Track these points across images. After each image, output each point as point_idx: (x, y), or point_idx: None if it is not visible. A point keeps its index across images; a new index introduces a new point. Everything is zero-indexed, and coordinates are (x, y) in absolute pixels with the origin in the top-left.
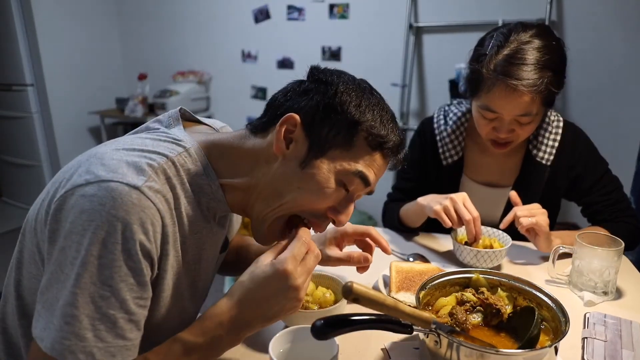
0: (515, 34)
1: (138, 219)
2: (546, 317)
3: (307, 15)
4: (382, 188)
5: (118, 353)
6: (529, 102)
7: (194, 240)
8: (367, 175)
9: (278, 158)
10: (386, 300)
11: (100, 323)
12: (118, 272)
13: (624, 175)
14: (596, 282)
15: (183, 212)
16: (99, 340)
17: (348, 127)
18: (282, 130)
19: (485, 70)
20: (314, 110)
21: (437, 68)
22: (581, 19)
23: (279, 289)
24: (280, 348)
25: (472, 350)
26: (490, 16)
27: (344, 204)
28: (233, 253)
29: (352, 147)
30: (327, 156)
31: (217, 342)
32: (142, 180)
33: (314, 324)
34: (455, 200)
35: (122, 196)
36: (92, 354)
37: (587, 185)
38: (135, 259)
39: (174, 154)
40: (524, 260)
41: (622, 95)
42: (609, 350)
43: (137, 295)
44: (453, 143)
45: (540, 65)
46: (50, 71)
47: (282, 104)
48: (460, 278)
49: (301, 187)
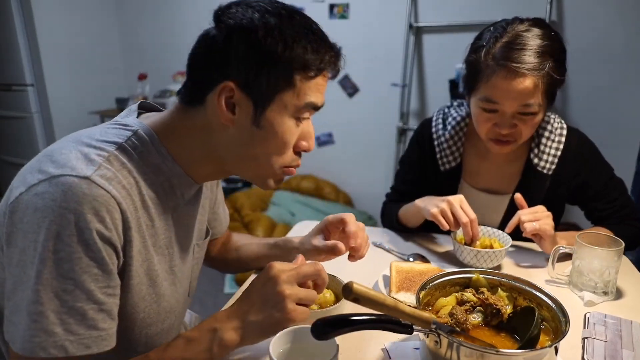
0: (512, 25)
1: (91, 209)
2: (546, 317)
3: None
4: (382, 187)
5: (93, 344)
6: (531, 88)
7: (163, 222)
8: (316, 101)
9: (229, 127)
10: (386, 300)
11: (69, 317)
12: (78, 264)
13: (624, 176)
14: (596, 282)
15: (145, 195)
16: (70, 334)
17: (283, 71)
18: (222, 101)
19: (484, 59)
20: (245, 69)
21: (437, 68)
22: (581, 18)
23: (266, 293)
24: (280, 348)
25: (472, 350)
26: (491, 16)
27: (306, 132)
28: (234, 250)
29: (294, 85)
30: (275, 104)
31: (212, 336)
32: (91, 170)
33: (314, 324)
34: (452, 203)
35: (72, 188)
36: (64, 347)
37: (591, 193)
38: (95, 248)
39: (122, 139)
40: (524, 260)
41: (622, 95)
42: (609, 350)
43: (104, 285)
44: (451, 149)
45: (542, 50)
46: (50, 71)
47: (208, 69)
48: (460, 278)
49: (265, 143)
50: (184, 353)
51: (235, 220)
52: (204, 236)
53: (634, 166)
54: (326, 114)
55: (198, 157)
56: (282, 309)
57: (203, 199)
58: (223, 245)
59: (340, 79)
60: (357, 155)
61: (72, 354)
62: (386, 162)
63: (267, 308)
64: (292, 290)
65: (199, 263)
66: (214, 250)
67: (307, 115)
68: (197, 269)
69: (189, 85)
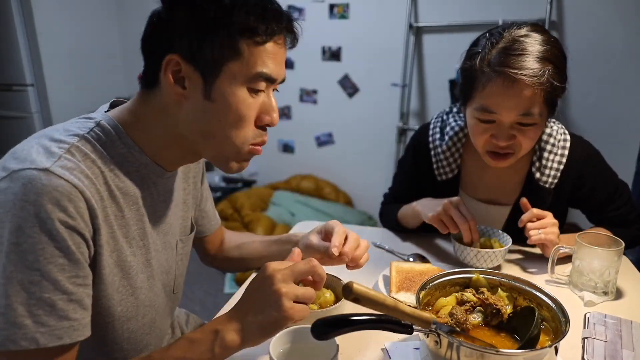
0: (509, 30)
1: (51, 199)
2: (546, 317)
3: (307, 15)
4: (382, 188)
5: (65, 335)
6: (530, 96)
7: (134, 213)
8: (269, 72)
9: (183, 102)
10: (386, 300)
11: (38, 308)
12: (43, 255)
13: (624, 176)
14: (596, 282)
15: (112, 185)
16: (40, 326)
17: (227, 38)
18: (169, 75)
19: (479, 66)
20: (188, 39)
21: (437, 68)
22: (581, 19)
23: (263, 293)
24: (280, 348)
25: (472, 350)
26: (491, 16)
27: (267, 105)
28: (235, 249)
29: (241, 53)
30: (224, 74)
31: (214, 337)
32: (51, 162)
33: (314, 324)
34: (450, 206)
35: (31, 181)
36: (35, 339)
37: (596, 203)
38: (59, 237)
39: (85, 130)
40: (524, 260)
41: (622, 95)
42: (609, 350)
43: (72, 274)
44: (448, 160)
45: (541, 56)
46: (50, 71)
47: (156, 46)
48: (460, 278)
49: (220, 117)
50: (186, 353)
51: (235, 220)
52: (189, 232)
53: (634, 166)
54: (326, 114)
55: (162, 141)
56: (279, 308)
57: (185, 194)
58: (221, 243)
59: (340, 78)
60: (357, 155)
61: (43, 345)
62: (386, 162)
63: (265, 308)
64: (288, 288)
65: (185, 259)
66: (213, 249)
67: (262, 87)
68: (182, 265)
69: (144, 66)
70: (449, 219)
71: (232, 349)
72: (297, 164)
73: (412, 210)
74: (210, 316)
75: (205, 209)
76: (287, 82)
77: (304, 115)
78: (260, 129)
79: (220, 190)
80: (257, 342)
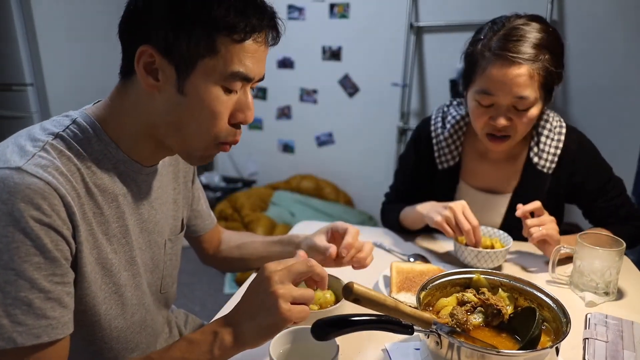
0: (511, 19)
1: (24, 197)
2: (547, 317)
3: (308, 14)
4: (382, 187)
5: (43, 333)
6: (526, 79)
7: (114, 211)
8: (245, 72)
9: (155, 93)
10: (387, 301)
11: (14, 308)
12: (17, 254)
13: (625, 176)
14: (597, 283)
15: (90, 183)
16: (17, 325)
17: (204, 34)
18: (141, 66)
19: (481, 50)
20: (163, 32)
21: (437, 68)
22: (582, 18)
23: (260, 295)
24: (280, 348)
25: (473, 350)
26: (491, 16)
27: (242, 103)
28: (235, 248)
29: (218, 51)
30: (198, 70)
31: (213, 339)
32: (24, 160)
33: (315, 324)
34: (455, 210)
35: (3, 181)
36: (12, 339)
37: (590, 193)
38: (33, 235)
39: (60, 128)
40: (525, 261)
41: (623, 95)
42: (610, 351)
43: (49, 272)
44: (450, 147)
45: (538, 43)
46: (50, 71)
47: (131, 36)
48: (461, 278)
49: (192, 112)
50: (185, 354)
51: (235, 220)
52: (178, 231)
53: (634, 166)
54: (326, 114)
55: (136, 135)
56: (276, 311)
57: (175, 194)
58: (218, 242)
59: (341, 78)
60: (357, 155)
61: (21, 344)
62: (386, 162)
63: (263, 310)
64: (285, 289)
65: (174, 259)
66: (211, 249)
67: (237, 87)
68: (171, 265)
69: (122, 54)
70: (454, 222)
71: (231, 350)
72: (297, 164)
73: (415, 212)
74: (210, 316)
75: (198, 209)
76: (287, 82)
77: (304, 115)
78: (233, 126)
79: (220, 190)
80: (256, 345)
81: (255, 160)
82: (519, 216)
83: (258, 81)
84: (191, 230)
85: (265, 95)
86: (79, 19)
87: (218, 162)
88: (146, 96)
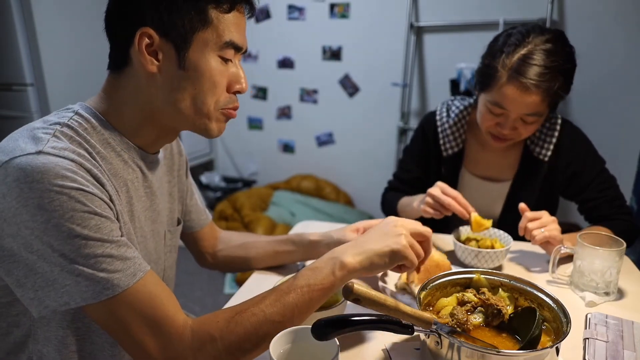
0: (533, 36)
1: (56, 174)
2: (547, 317)
3: (308, 14)
4: (382, 187)
5: (137, 270)
6: (538, 102)
7: (124, 195)
8: (236, 40)
9: (156, 75)
10: (387, 301)
11: (100, 264)
12: (74, 222)
13: (626, 176)
14: (597, 283)
15: (103, 166)
16: (113, 273)
17: (195, 7)
18: (143, 47)
19: (500, 67)
20: (158, 12)
21: (438, 68)
22: (582, 18)
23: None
24: (280, 348)
25: (473, 350)
26: (491, 16)
27: (236, 73)
28: (238, 248)
29: (210, 21)
30: (195, 44)
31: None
32: (41, 146)
33: (315, 324)
34: (432, 193)
35: (29, 164)
36: (117, 285)
37: (584, 182)
38: (81, 201)
39: (65, 119)
40: (525, 261)
41: (624, 95)
42: (611, 351)
43: (109, 230)
44: (454, 135)
45: (554, 69)
46: (50, 71)
47: (125, 22)
48: (461, 278)
49: (195, 85)
50: (309, 280)
51: (235, 220)
52: (176, 224)
53: (635, 166)
54: (326, 114)
55: (138, 122)
56: (398, 241)
57: (170, 186)
58: (216, 241)
59: (341, 78)
60: (358, 155)
61: (126, 286)
62: (387, 162)
63: (386, 238)
64: (407, 233)
65: (173, 252)
66: (208, 247)
67: (230, 55)
68: (170, 257)
69: (111, 49)
70: (437, 203)
71: (351, 270)
72: (297, 163)
73: (411, 208)
74: None
75: (192, 203)
76: (287, 82)
77: (304, 115)
78: (232, 96)
79: (220, 190)
80: (372, 270)
81: (256, 160)
82: (522, 234)
83: (243, 53)
84: (187, 226)
85: (266, 95)
86: (79, 19)
87: (218, 162)
88: (146, 81)
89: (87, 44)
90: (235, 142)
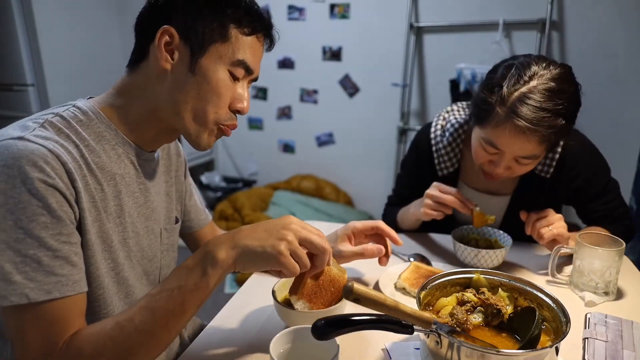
0: (535, 70)
1: (28, 161)
2: (547, 317)
3: (308, 15)
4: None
5: (54, 289)
6: (535, 145)
7: (112, 189)
8: (249, 62)
9: (167, 73)
10: (387, 301)
11: (24, 265)
12: (24, 213)
13: (625, 176)
14: (597, 283)
15: (89, 159)
16: (29, 281)
17: (218, 22)
18: (162, 43)
19: (496, 104)
20: (183, 16)
21: (437, 68)
22: (582, 19)
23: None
24: (280, 348)
25: (473, 350)
26: (491, 16)
27: (241, 94)
28: None
29: (229, 38)
30: (210, 54)
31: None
32: (25, 132)
33: (315, 324)
34: (431, 194)
35: (7, 148)
36: (25, 295)
37: (589, 195)
38: (39, 195)
39: (60, 110)
40: (525, 260)
41: (623, 96)
42: (610, 350)
43: (56, 232)
44: (449, 155)
45: (555, 112)
46: (50, 71)
47: (153, 18)
48: (461, 278)
49: (199, 90)
50: (180, 281)
51: (236, 220)
52: (174, 223)
53: (634, 166)
54: (327, 114)
55: (140, 118)
56: (277, 245)
57: (167, 186)
58: None
59: (341, 78)
60: (358, 155)
61: (34, 299)
62: (386, 162)
63: (267, 237)
64: (293, 239)
65: (171, 251)
66: None
67: (240, 74)
68: (168, 256)
69: (135, 45)
70: (436, 203)
71: (223, 267)
72: (297, 164)
73: (410, 214)
74: (210, 316)
75: (192, 203)
76: (288, 82)
77: (305, 115)
78: (231, 114)
79: (220, 190)
80: (248, 269)
81: (256, 160)
82: (529, 233)
83: (254, 79)
84: (186, 226)
85: (266, 96)
86: (79, 19)
87: (218, 162)
88: (157, 78)
89: (88, 44)
90: (236, 142)
